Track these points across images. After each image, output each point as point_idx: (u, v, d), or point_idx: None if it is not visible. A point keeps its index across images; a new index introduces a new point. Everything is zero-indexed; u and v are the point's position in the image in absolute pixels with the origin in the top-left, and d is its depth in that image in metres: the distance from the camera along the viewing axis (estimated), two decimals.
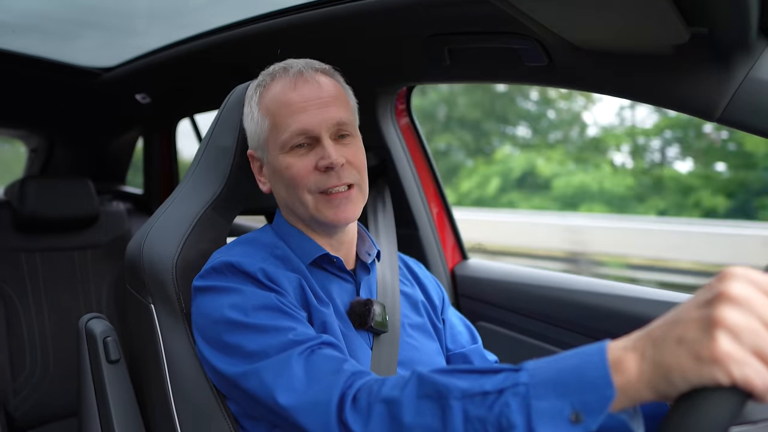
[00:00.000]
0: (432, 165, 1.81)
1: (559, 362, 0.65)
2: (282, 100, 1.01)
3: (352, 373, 0.81)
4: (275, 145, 1.02)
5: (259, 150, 1.06)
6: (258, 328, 0.89)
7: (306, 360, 0.84)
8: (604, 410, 0.59)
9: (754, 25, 0.86)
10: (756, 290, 0.55)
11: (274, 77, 1.05)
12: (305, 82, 1.02)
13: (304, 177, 1.00)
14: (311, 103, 1.00)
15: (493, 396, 0.66)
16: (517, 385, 0.65)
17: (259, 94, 1.05)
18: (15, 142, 3.61)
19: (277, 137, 1.01)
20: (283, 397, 0.82)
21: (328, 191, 1.00)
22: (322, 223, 1.03)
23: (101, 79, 2.47)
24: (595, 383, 0.60)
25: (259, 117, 1.04)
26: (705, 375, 0.53)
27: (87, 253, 2.41)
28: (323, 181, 1.00)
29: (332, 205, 1.01)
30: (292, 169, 1.00)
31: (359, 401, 0.77)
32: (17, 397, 2.11)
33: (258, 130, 1.04)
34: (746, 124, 0.97)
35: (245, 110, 1.09)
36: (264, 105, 1.04)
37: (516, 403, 0.64)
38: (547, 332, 1.53)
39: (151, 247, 1.09)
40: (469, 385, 0.69)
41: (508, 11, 0.96)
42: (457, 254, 1.85)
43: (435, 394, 0.71)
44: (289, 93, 1.01)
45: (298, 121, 0.99)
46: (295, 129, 0.99)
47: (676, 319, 0.58)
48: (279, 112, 1.01)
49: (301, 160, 1.00)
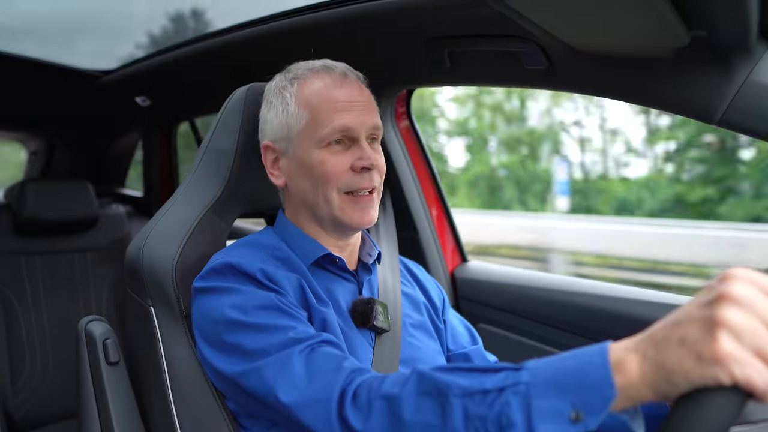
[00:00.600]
0: (432, 168, 1.81)
1: (561, 362, 0.65)
2: (327, 96, 1.01)
3: (352, 370, 0.81)
4: (310, 139, 1.01)
5: (284, 142, 1.04)
6: (258, 327, 0.89)
7: (306, 358, 0.84)
8: (605, 410, 0.59)
9: (753, 28, 0.86)
10: (757, 291, 0.55)
11: (315, 72, 1.05)
12: (350, 84, 1.04)
13: (338, 175, 1.00)
14: (355, 104, 1.01)
15: (494, 394, 0.66)
16: (517, 383, 0.65)
17: (297, 87, 1.04)
18: (14, 145, 3.61)
19: (315, 132, 1.00)
20: (284, 394, 0.82)
21: (355, 192, 1.01)
22: (344, 224, 1.03)
23: (101, 81, 2.47)
24: (596, 383, 0.60)
25: (296, 109, 1.02)
26: (707, 375, 0.54)
27: (87, 256, 2.41)
28: (356, 182, 1.01)
29: (358, 207, 1.02)
30: (327, 164, 1.00)
31: (359, 398, 0.77)
32: (17, 399, 2.11)
33: (290, 121, 1.03)
34: (746, 127, 0.98)
35: (270, 100, 1.07)
36: (303, 98, 1.02)
37: (516, 402, 0.64)
38: (547, 334, 1.53)
39: (150, 250, 1.09)
40: (469, 383, 0.69)
41: (508, 14, 0.96)
42: (457, 257, 1.85)
43: (435, 391, 0.71)
44: (334, 90, 1.02)
45: (341, 119, 1.00)
46: (337, 125, 0.99)
47: (678, 320, 0.58)
48: (322, 107, 1.01)
49: (336, 157, 1.01)
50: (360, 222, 1.03)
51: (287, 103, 1.04)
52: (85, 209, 2.37)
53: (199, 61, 1.97)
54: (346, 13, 1.39)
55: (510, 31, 1.17)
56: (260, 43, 1.68)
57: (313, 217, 1.07)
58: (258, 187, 1.19)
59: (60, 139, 3.10)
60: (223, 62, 1.92)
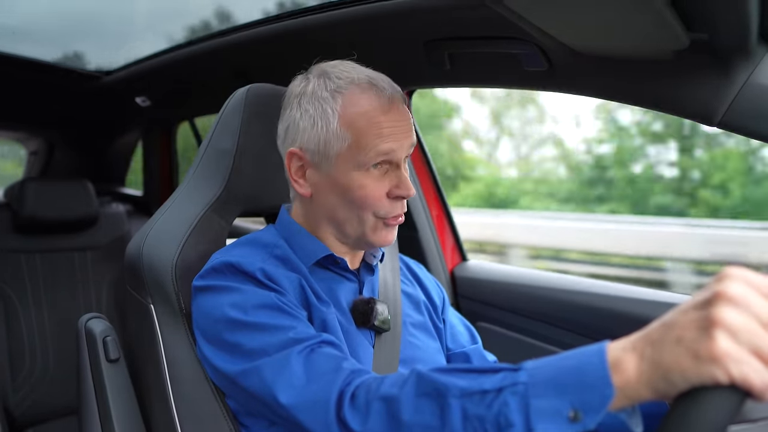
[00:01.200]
0: (432, 168, 1.81)
1: (559, 362, 0.65)
2: (374, 121, 0.98)
3: (351, 371, 0.81)
4: (350, 162, 0.99)
5: (318, 156, 1.01)
6: (257, 326, 0.89)
7: (306, 358, 0.84)
8: (603, 409, 0.60)
9: (753, 30, 0.87)
10: (753, 290, 0.56)
11: (361, 89, 1.00)
12: (396, 109, 1.01)
13: (377, 200, 1.00)
14: (398, 129, 1.00)
15: (492, 395, 0.66)
16: (516, 384, 0.65)
17: (340, 104, 0.99)
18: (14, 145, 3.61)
19: (357, 155, 0.98)
20: (282, 395, 0.82)
21: (389, 218, 1.02)
22: (370, 244, 1.05)
23: (101, 82, 2.48)
24: (595, 383, 0.60)
25: (338, 129, 0.98)
26: (704, 374, 0.54)
27: (86, 255, 2.41)
28: (392, 209, 1.01)
29: (387, 231, 1.03)
30: (366, 189, 0.99)
31: (357, 399, 0.77)
32: (17, 396, 2.11)
33: (330, 138, 0.99)
34: (746, 129, 0.98)
35: (306, 108, 1.01)
36: (348, 118, 0.98)
37: (515, 402, 0.64)
38: (547, 333, 1.53)
39: (150, 248, 1.10)
40: (468, 384, 0.69)
41: (507, 16, 0.96)
42: (457, 256, 1.85)
43: (434, 392, 0.71)
44: (380, 115, 0.99)
45: (387, 144, 0.98)
46: (381, 150, 0.98)
47: (675, 319, 0.58)
48: (367, 132, 0.98)
49: (375, 182, 0.99)
50: (385, 242, 1.04)
51: (329, 120, 0.99)
52: (84, 208, 2.38)
53: (199, 61, 1.98)
54: (345, 15, 1.39)
55: (510, 33, 1.17)
56: (260, 45, 1.68)
57: (334, 230, 1.06)
58: (258, 186, 1.20)
59: (60, 139, 3.10)
60: (222, 63, 1.92)
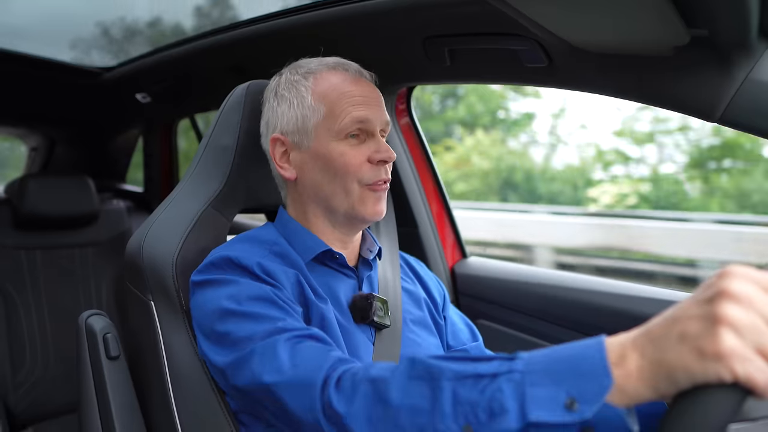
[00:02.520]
0: (432, 164, 1.81)
1: (556, 352, 0.64)
2: (344, 90, 1.04)
3: (338, 359, 0.81)
4: (328, 131, 1.03)
5: (297, 134, 1.06)
6: (248, 315, 0.89)
7: (292, 346, 0.84)
8: (601, 398, 0.59)
9: (754, 26, 0.87)
10: (757, 288, 0.55)
11: (330, 68, 1.08)
12: (364, 82, 1.08)
13: (358, 166, 1.02)
14: (369, 100, 1.05)
15: (487, 380, 0.65)
16: (512, 371, 0.64)
17: (312, 81, 1.06)
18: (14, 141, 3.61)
19: (333, 124, 1.03)
20: (267, 376, 0.82)
21: (374, 184, 1.03)
22: (359, 216, 1.05)
23: (102, 78, 2.48)
24: (593, 371, 0.60)
25: (312, 102, 1.04)
26: (709, 371, 0.53)
27: (87, 251, 2.41)
28: (374, 174, 1.03)
29: (375, 198, 1.04)
30: (346, 156, 1.02)
31: (343, 381, 0.77)
32: (17, 393, 2.12)
33: (306, 113, 1.04)
34: (746, 125, 0.98)
35: (281, 94, 1.08)
36: (320, 91, 1.05)
37: (510, 389, 0.63)
38: (547, 330, 1.53)
39: (151, 245, 1.10)
40: (462, 368, 0.68)
41: (507, 12, 0.96)
42: (457, 252, 1.85)
43: (426, 375, 0.70)
44: (350, 86, 1.05)
45: (359, 111, 1.03)
46: (356, 117, 1.02)
47: (676, 316, 0.58)
48: (340, 101, 1.03)
49: (354, 149, 1.03)
50: (374, 213, 1.05)
51: (303, 96, 1.05)
52: (85, 204, 2.38)
53: (198, 58, 1.97)
54: (345, 11, 1.39)
55: (510, 29, 1.17)
56: (259, 41, 1.68)
57: (324, 211, 1.07)
58: (258, 182, 1.20)
59: (60, 136, 3.10)
60: (222, 60, 1.92)
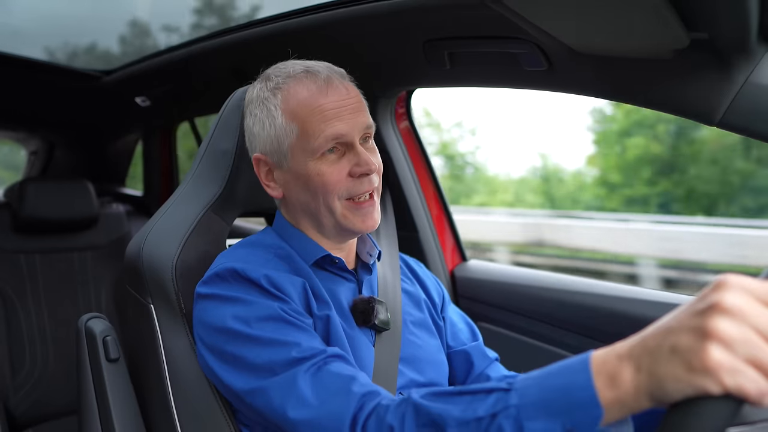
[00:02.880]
0: (431, 168, 1.81)
1: (547, 380, 0.66)
2: (313, 106, 0.98)
3: (362, 395, 0.81)
4: (303, 152, 0.99)
5: (275, 155, 1.02)
6: (261, 340, 0.88)
7: (312, 377, 0.84)
8: (594, 427, 0.61)
9: (754, 30, 0.87)
10: (750, 299, 0.55)
11: (297, 80, 1.01)
12: (335, 89, 1.00)
13: (337, 184, 0.99)
14: (343, 109, 0.99)
15: (487, 420, 0.68)
16: (508, 407, 0.67)
17: (281, 98, 1.01)
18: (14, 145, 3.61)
19: (307, 144, 0.98)
20: (293, 412, 0.82)
21: (356, 198, 1.01)
22: (348, 230, 1.03)
23: (101, 82, 2.48)
24: (583, 403, 0.61)
25: (283, 122, 0.99)
26: (697, 384, 0.54)
27: (86, 255, 2.41)
28: (356, 188, 1.00)
29: (360, 213, 1.01)
30: (325, 176, 0.98)
31: (369, 429, 0.77)
32: (17, 396, 2.11)
33: (279, 134, 1.00)
34: (746, 129, 0.98)
35: (254, 112, 1.04)
36: (290, 110, 0.99)
37: (509, 426, 0.66)
38: (548, 333, 1.53)
39: (150, 249, 1.09)
40: (462, 413, 0.70)
41: (507, 15, 0.96)
42: (457, 256, 1.85)
43: (431, 423, 0.72)
44: (320, 99, 0.98)
45: (332, 127, 0.97)
46: (329, 134, 0.97)
47: (670, 327, 0.58)
48: (311, 119, 0.98)
49: (333, 166, 0.99)
50: (363, 227, 1.02)
51: (273, 116, 1.01)
52: (84, 208, 2.37)
53: (198, 61, 1.98)
54: (345, 14, 1.39)
55: (509, 33, 1.17)
56: (259, 45, 1.68)
57: (315, 224, 1.06)
58: (258, 186, 1.19)
59: (60, 139, 3.10)
60: (222, 63, 1.92)
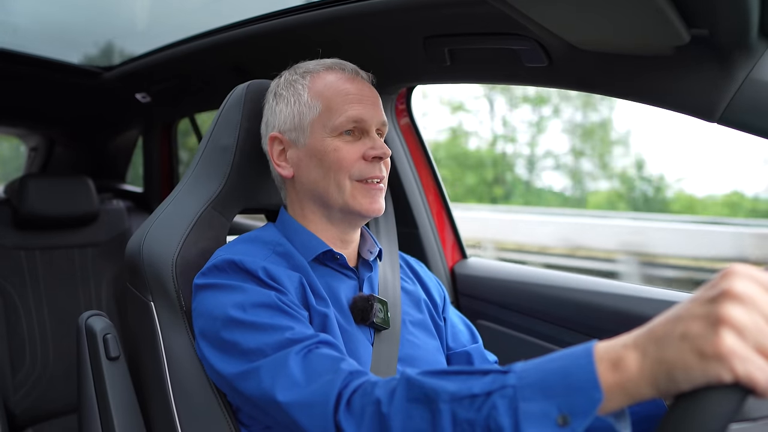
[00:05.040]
0: (432, 165, 1.81)
1: (547, 364, 0.65)
2: (340, 88, 1.06)
3: (349, 373, 0.81)
4: (323, 128, 1.04)
5: (294, 132, 1.07)
6: (255, 325, 0.89)
7: (303, 358, 0.84)
8: (592, 413, 0.59)
9: (754, 26, 0.86)
10: (759, 288, 0.55)
11: (327, 68, 1.10)
12: (360, 81, 1.09)
13: (351, 162, 1.03)
14: (366, 98, 1.06)
15: (482, 398, 0.67)
16: (504, 387, 0.66)
17: (310, 80, 1.08)
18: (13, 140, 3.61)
19: (329, 120, 1.04)
20: (280, 394, 0.82)
21: (367, 180, 1.04)
22: (354, 212, 1.05)
23: (102, 78, 2.47)
24: (583, 386, 0.60)
25: (309, 99, 1.06)
26: (709, 371, 0.54)
27: (87, 251, 2.41)
28: (368, 170, 1.04)
29: (368, 195, 1.04)
30: (340, 152, 1.03)
31: (353, 403, 0.77)
32: (17, 394, 2.11)
33: (303, 110, 1.06)
34: (746, 125, 0.98)
35: (281, 93, 1.10)
36: (316, 89, 1.07)
37: (504, 405, 0.64)
38: (547, 331, 1.53)
39: (150, 245, 1.09)
40: (457, 388, 0.69)
41: (507, 12, 0.96)
42: (457, 253, 1.85)
43: (424, 397, 0.71)
44: (346, 84, 1.07)
45: (354, 109, 1.04)
46: (351, 115, 1.03)
47: (679, 315, 0.58)
48: (335, 98, 1.05)
49: (349, 145, 1.04)
50: (369, 209, 1.05)
51: (300, 94, 1.07)
52: (85, 205, 2.38)
53: (198, 58, 1.97)
54: (345, 11, 1.39)
55: (510, 29, 1.17)
56: (259, 41, 1.68)
57: (321, 208, 1.08)
58: (258, 183, 1.20)
59: (60, 135, 3.10)
60: (222, 60, 1.92)
